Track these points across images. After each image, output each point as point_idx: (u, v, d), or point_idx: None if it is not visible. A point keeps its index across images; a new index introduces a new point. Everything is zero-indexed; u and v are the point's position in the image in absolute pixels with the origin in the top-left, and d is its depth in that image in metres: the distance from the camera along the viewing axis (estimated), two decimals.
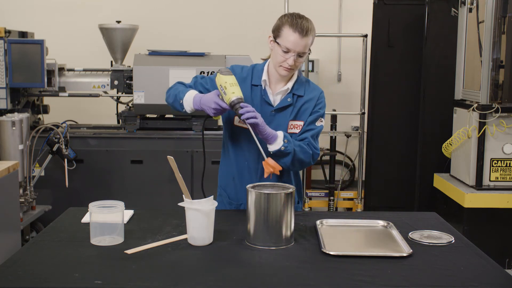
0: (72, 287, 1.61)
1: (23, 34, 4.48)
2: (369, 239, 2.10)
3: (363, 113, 4.99)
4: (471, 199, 3.97)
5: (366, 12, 5.08)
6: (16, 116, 3.88)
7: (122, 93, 4.56)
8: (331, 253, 1.86)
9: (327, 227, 2.17)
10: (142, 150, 4.36)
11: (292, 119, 2.36)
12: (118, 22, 4.55)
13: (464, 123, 4.14)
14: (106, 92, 4.62)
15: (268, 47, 2.33)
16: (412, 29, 4.78)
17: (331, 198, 5.10)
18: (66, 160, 4.09)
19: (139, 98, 4.31)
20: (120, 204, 1.99)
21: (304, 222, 2.22)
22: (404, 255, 1.87)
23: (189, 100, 2.28)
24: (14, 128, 3.84)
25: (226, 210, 2.44)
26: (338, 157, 5.40)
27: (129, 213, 2.27)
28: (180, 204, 1.96)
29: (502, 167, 4.03)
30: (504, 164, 4.03)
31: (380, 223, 2.21)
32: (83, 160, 4.31)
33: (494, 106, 3.92)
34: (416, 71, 4.76)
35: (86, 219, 2.18)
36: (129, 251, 1.87)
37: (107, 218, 1.96)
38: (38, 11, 5.55)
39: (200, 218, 1.93)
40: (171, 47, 4.79)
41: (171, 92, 2.39)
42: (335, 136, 5.11)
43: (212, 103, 2.20)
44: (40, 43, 4.27)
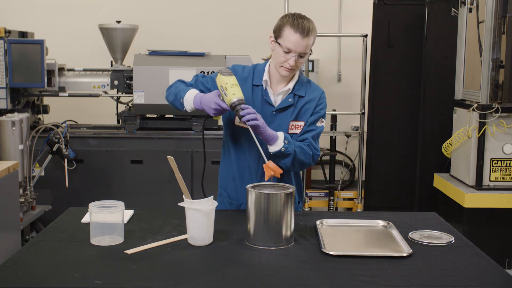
0: (72, 287, 1.61)
1: (23, 34, 4.48)
2: (369, 239, 2.10)
3: (363, 113, 4.99)
4: (471, 199, 3.97)
5: (366, 12, 5.07)
6: (16, 116, 3.88)
7: (122, 93, 4.56)
8: (331, 253, 1.86)
9: (327, 227, 2.17)
10: (142, 150, 4.36)
11: (293, 119, 2.35)
12: (118, 22, 4.55)
13: (464, 123, 4.14)
14: (106, 92, 4.62)
15: (269, 47, 2.32)
16: (412, 29, 4.78)
17: (331, 198, 5.10)
18: (66, 160, 4.09)
19: (139, 98, 4.31)
20: (120, 204, 1.99)
21: (304, 222, 2.22)
22: (404, 255, 1.87)
23: (189, 99, 2.28)
24: (14, 128, 3.84)
25: (226, 210, 2.44)
26: (338, 157, 5.40)
27: (129, 213, 2.27)
28: (180, 204, 1.96)
29: (502, 167, 4.03)
30: (504, 164, 4.03)
31: (380, 223, 2.21)
32: (83, 160, 4.31)
33: (494, 106, 3.92)
34: (416, 71, 4.76)
35: (86, 219, 2.18)
36: (129, 251, 1.87)
37: (107, 218, 1.96)
38: (38, 11, 5.55)
39: (200, 218, 1.93)
40: (171, 47, 4.79)
41: (171, 90, 2.38)
42: (335, 136, 5.11)
43: (212, 103, 2.19)
44: (40, 43, 4.27)
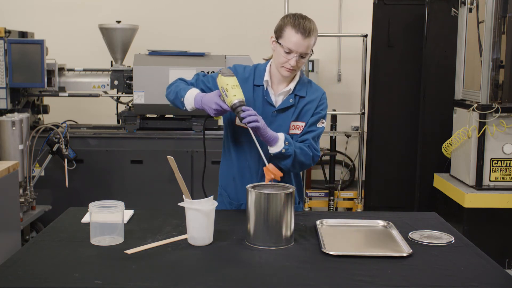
0: (72, 287, 1.61)
1: (23, 34, 4.48)
2: (369, 239, 2.10)
3: (363, 113, 4.99)
4: (471, 199, 3.97)
5: (366, 12, 5.07)
6: (16, 116, 3.88)
7: (122, 93, 4.56)
8: (331, 253, 1.86)
9: (327, 227, 2.17)
10: (142, 150, 4.36)
11: (294, 120, 2.35)
12: (118, 22, 4.55)
13: (464, 123, 4.14)
14: (106, 92, 4.62)
15: (270, 47, 2.32)
16: (412, 29, 4.78)
17: (331, 198, 5.10)
18: (66, 160, 4.09)
19: (139, 98, 4.31)
20: (120, 204, 1.99)
21: (304, 222, 2.22)
22: (404, 255, 1.87)
23: (190, 98, 2.27)
24: (14, 128, 3.84)
25: (226, 210, 2.44)
26: (338, 157, 5.40)
27: (129, 213, 2.27)
28: (180, 204, 1.96)
29: (502, 167, 4.03)
30: (504, 164, 4.03)
31: (380, 223, 2.21)
32: (83, 160, 4.31)
33: (494, 106, 3.92)
34: (416, 71, 4.76)
35: (86, 219, 2.18)
36: (129, 251, 1.87)
37: (107, 218, 1.96)
38: (38, 11, 5.55)
39: (200, 218, 1.93)
40: (171, 47, 4.79)
41: (172, 89, 2.37)
42: (335, 136, 5.11)
43: (213, 103, 2.19)
44: (40, 43, 4.27)
